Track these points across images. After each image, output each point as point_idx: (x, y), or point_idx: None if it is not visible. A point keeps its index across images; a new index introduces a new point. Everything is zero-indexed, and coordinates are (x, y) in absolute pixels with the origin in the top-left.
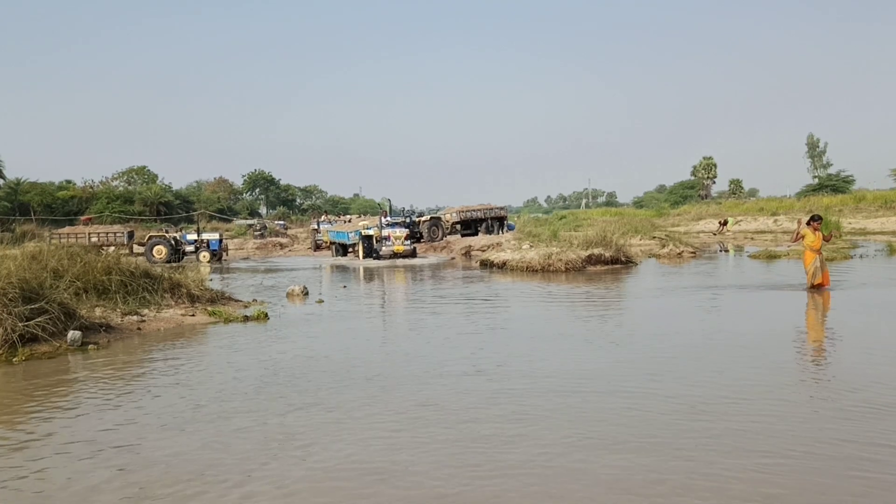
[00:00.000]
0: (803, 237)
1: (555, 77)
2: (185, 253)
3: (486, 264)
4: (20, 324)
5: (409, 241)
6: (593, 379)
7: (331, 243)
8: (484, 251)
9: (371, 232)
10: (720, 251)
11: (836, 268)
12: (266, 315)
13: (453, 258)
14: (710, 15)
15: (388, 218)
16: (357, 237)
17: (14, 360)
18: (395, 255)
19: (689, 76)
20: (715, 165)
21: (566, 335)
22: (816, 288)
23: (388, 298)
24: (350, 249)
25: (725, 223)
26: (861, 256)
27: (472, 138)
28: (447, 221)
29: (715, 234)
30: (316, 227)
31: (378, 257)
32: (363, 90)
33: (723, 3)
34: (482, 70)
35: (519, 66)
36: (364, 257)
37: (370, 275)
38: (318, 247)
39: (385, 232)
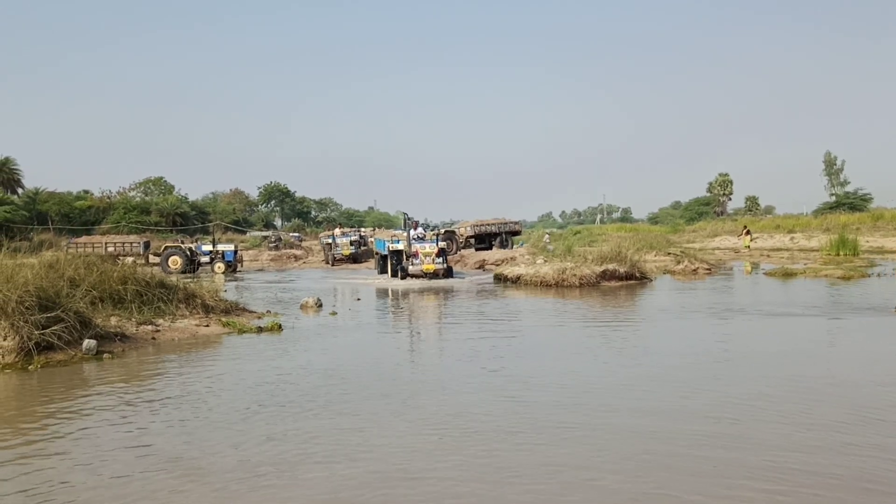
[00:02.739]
0: None
1: (570, 92)
2: (200, 264)
3: (500, 278)
4: (36, 332)
5: (441, 259)
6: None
7: (375, 253)
8: (498, 265)
9: (400, 246)
10: (752, 270)
11: (854, 287)
12: (280, 326)
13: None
14: (727, 32)
15: (420, 231)
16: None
17: (30, 367)
18: (424, 275)
19: (705, 92)
20: (731, 182)
21: (589, 350)
22: None
23: (401, 312)
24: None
25: (748, 231)
26: (879, 275)
27: (487, 153)
28: (461, 235)
29: (748, 248)
30: (331, 240)
31: (405, 276)
32: (379, 104)
33: (739, 21)
34: (498, 85)
35: (534, 82)
36: (391, 275)
37: (387, 290)
38: (335, 260)
39: (413, 247)
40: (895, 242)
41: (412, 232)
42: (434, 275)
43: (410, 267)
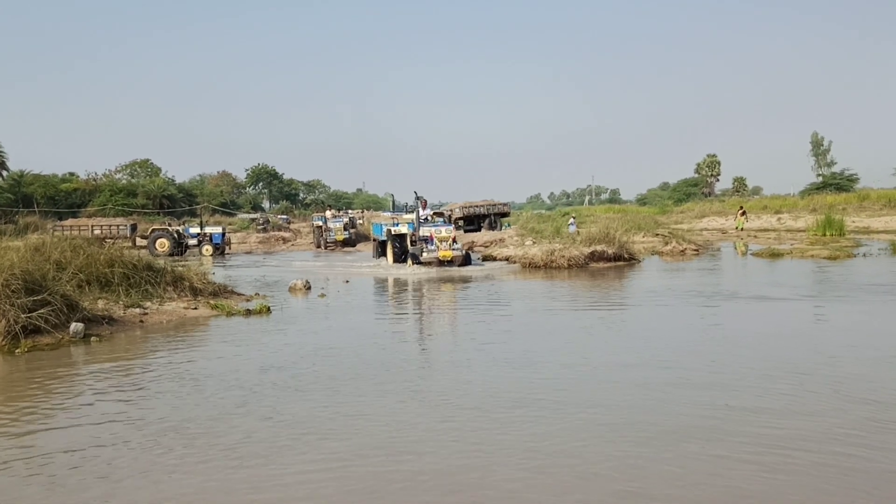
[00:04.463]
0: None
1: (560, 77)
2: (188, 246)
3: (489, 260)
4: (23, 315)
5: (458, 244)
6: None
7: (372, 239)
8: (487, 247)
9: (402, 229)
10: (745, 251)
11: (842, 267)
12: (268, 309)
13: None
14: (714, 19)
15: (428, 211)
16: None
17: (17, 351)
18: (440, 263)
19: (694, 75)
20: (719, 163)
21: (582, 334)
22: None
23: (390, 293)
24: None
25: (744, 212)
26: (864, 255)
27: (475, 134)
28: (450, 217)
29: (741, 229)
30: (322, 222)
31: (417, 263)
32: (369, 89)
33: (726, 8)
34: (488, 69)
35: (524, 67)
36: (394, 262)
37: (389, 279)
38: (326, 244)
39: (424, 231)
40: (881, 222)
41: (421, 213)
42: (451, 262)
43: (424, 254)
